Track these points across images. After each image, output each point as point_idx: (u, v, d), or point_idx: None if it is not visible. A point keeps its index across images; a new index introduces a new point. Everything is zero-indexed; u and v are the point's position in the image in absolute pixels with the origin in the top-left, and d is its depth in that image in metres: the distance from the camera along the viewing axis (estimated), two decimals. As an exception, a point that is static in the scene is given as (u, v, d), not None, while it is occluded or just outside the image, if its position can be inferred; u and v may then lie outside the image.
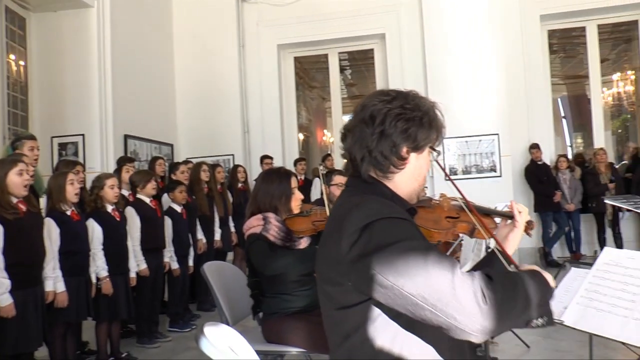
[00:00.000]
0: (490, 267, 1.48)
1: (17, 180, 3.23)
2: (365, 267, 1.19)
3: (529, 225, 1.72)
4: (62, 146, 6.78)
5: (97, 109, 6.72)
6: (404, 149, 1.41)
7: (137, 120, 7.41)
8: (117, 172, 5.35)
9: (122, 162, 5.76)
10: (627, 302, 1.95)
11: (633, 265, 2.06)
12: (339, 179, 3.96)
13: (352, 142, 1.44)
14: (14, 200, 3.26)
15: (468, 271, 1.20)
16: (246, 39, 8.84)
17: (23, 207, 3.29)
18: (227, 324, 2.83)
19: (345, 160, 1.53)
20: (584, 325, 2.01)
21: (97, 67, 6.74)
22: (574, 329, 2.04)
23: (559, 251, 8.17)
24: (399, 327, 1.29)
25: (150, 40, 8.06)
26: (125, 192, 5.03)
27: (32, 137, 4.56)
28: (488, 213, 1.71)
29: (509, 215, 1.69)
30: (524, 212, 1.64)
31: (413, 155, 1.43)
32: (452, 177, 7.96)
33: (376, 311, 1.29)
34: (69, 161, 5.23)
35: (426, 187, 4.42)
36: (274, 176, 2.93)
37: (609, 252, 2.17)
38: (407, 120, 1.39)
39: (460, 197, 1.68)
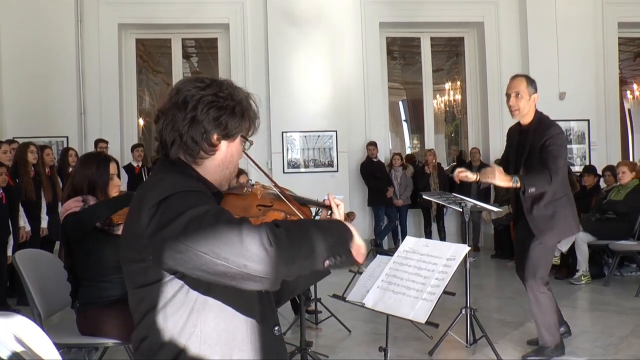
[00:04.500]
0: None
1: None
2: (163, 238, 1.21)
3: (349, 217, 1.81)
4: None
5: None
6: (215, 136, 1.43)
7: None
8: None
9: None
10: (419, 285, 2.20)
11: (427, 252, 2.32)
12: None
13: (164, 124, 1.45)
14: None
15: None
16: (85, 14, 8.26)
17: None
18: (39, 316, 2.66)
19: (157, 143, 1.53)
20: (382, 306, 2.22)
21: None
22: (374, 310, 2.25)
23: (390, 243, 8.84)
24: (195, 305, 1.33)
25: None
26: None
27: None
28: (305, 203, 1.73)
29: (326, 206, 1.77)
30: (341, 206, 1.69)
31: (224, 142, 1.47)
32: (292, 170, 8.13)
33: (174, 288, 1.32)
34: None
35: (250, 180, 4.50)
36: (93, 160, 2.85)
37: (409, 241, 2.42)
38: (219, 108, 1.42)
39: (274, 185, 1.71)
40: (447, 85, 12.43)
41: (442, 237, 8.58)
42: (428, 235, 8.61)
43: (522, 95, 3.63)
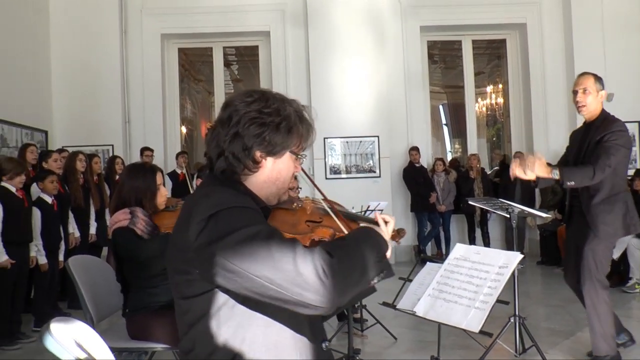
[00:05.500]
0: None
1: None
2: (211, 254, 1.21)
3: (398, 234, 1.76)
4: None
5: (-44, 87, 6.12)
6: (258, 153, 1.41)
7: (6, 103, 6.85)
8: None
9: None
10: (471, 293, 2.15)
11: (479, 260, 2.26)
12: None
13: (210, 139, 1.45)
14: None
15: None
16: (129, 26, 8.50)
17: None
18: (91, 320, 2.71)
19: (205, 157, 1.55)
20: (433, 315, 2.18)
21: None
22: (425, 318, 2.21)
23: (433, 249, 8.71)
24: (243, 319, 1.31)
25: (22, 16, 7.47)
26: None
27: None
28: (354, 219, 1.68)
29: (375, 222, 1.73)
30: (391, 223, 1.62)
31: (269, 159, 1.44)
32: (334, 176, 8.08)
33: (221, 301, 1.31)
34: None
35: (300, 188, 4.48)
36: (139, 172, 2.87)
37: (459, 248, 2.37)
38: (261, 124, 1.40)
39: (324, 199, 1.67)
40: (489, 89, 12.21)
41: (487, 243, 8.41)
42: (472, 241, 8.45)
43: (589, 91, 3.52)
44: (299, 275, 1.13)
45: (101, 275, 3.06)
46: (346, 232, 1.55)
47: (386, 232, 1.58)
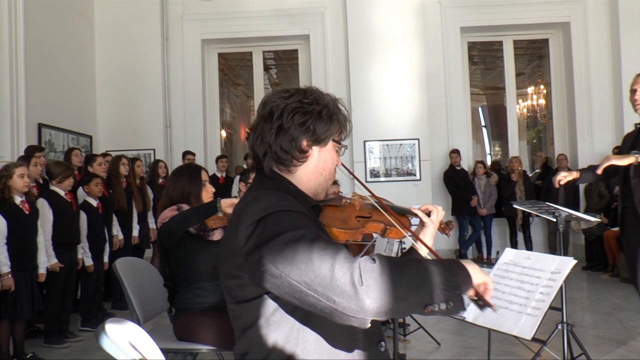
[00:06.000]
0: None
1: None
2: (258, 258, 1.20)
3: (447, 226, 1.75)
4: (-33, 133, 6.35)
5: (8, 94, 6.33)
6: (304, 142, 1.42)
7: (53, 109, 7.06)
8: (24, 159, 5.03)
9: (31, 151, 5.45)
10: (522, 299, 2.09)
11: (529, 265, 2.20)
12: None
13: (254, 139, 1.45)
14: None
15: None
16: (170, 32, 8.67)
17: None
18: (138, 321, 2.76)
19: (251, 158, 1.54)
20: (482, 321, 2.13)
21: (8, 49, 6.34)
22: (475, 324, 2.15)
23: (474, 253, 8.57)
24: (295, 323, 1.31)
25: (69, 26, 7.70)
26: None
27: None
28: (403, 213, 1.69)
29: (426, 214, 1.71)
30: (436, 212, 1.64)
31: (315, 148, 1.45)
32: (373, 180, 8.02)
33: (272, 306, 1.30)
34: (-28, 150, 4.90)
35: (341, 191, 4.47)
36: (185, 171, 2.99)
37: (509, 253, 2.31)
38: (304, 113, 1.41)
39: (371, 195, 1.67)
40: (530, 90, 11.96)
41: (529, 247, 8.22)
42: (513, 245, 8.27)
43: None
44: (334, 281, 1.10)
45: (147, 276, 3.10)
46: (397, 225, 1.55)
47: (431, 219, 1.58)
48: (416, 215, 1.71)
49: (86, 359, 4.31)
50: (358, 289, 1.09)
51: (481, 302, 1.24)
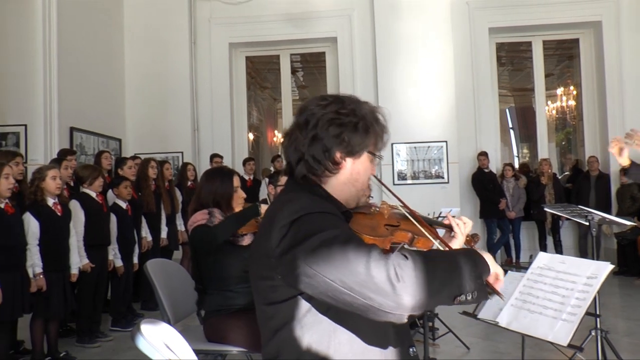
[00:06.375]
0: None
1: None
2: (292, 258, 1.20)
3: (472, 238, 1.74)
4: (2, 136, 6.53)
5: (42, 99, 6.49)
6: (338, 154, 1.41)
7: (84, 113, 7.21)
8: (56, 162, 5.14)
9: (63, 154, 5.56)
10: (557, 304, 2.05)
11: (564, 269, 2.16)
12: (285, 180, 3.96)
13: (288, 145, 1.46)
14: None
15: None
16: (198, 36, 8.76)
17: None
18: (169, 322, 2.78)
19: (284, 163, 1.54)
20: (516, 326, 2.09)
21: (42, 56, 6.51)
22: (508, 329, 2.12)
23: (503, 256, 8.45)
24: (328, 325, 1.30)
25: (100, 31, 7.85)
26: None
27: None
28: (430, 223, 1.69)
29: (449, 227, 1.71)
30: (465, 224, 1.65)
31: (349, 160, 1.44)
32: (401, 182, 7.99)
33: (305, 307, 1.30)
34: (8, 152, 5.02)
35: (371, 197, 4.45)
36: (217, 175, 2.96)
37: (543, 257, 2.27)
38: (339, 125, 1.40)
39: (402, 204, 1.67)
40: (559, 91, 11.74)
41: (559, 251, 8.06)
42: (543, 249, 8.11)
43: None
44: (370, 278, 1.10)
45: (177, 278, 3.14)
46: (426, 234, 1.54)
47: (459, 232, 1.58)
48: (443, 227, 1.71)
49: (117, 359, 4.38)
50: (395, 285, 1.09)
51: (490, 291, 1.26)
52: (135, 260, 5.47)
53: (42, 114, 6.51)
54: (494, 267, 1.27)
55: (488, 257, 1.27)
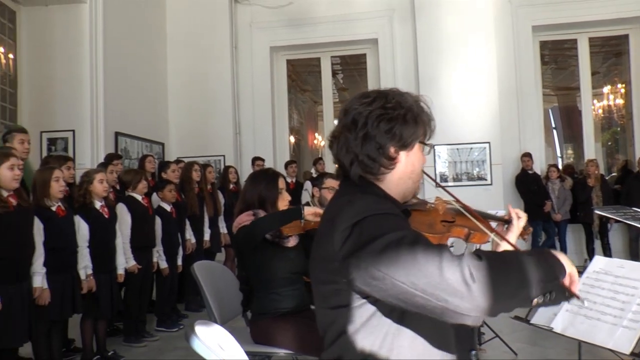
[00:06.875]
0: None
1: (8, 174, 3.20)
2: (357, 261, 1.18)
3: (525, 230, 1.71)
4: (52, 141, 6.73)
5: (88, 105, 6.68)
6: (392, 149, 1.40)
7: (129, 118, 7.38)
8: (102, 166, 5.28)
9: (109, 159, 5.70)
10: (616, 310, 1.96)
11: (623, 274, 2.07)
12: (331, 183, 3.97)
13: (339, 148, 1.44)
14: (5, 194, 3.22)
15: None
16: (239, 41, 8.85)
17: (13, 201, 3.25)
18: (215, 323, 2.81)
19: (337, 166, 1.53)
20: (572, 332, 2.01)
21: (88, 63, 6.70)
22: (564, 335, 2.05)
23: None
24: (391, 328, 1.29)
25: (143, 38, 8.03)
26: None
27: (23, 130, 4.51)
28: (485, 218, 1.67)
29: (505, 220, 1.69)
30: (523, 218, 1.64)
31: (402, 153, 1.42)
32: (442, 184, 7.96)
33: (369, 311, 1.29)
34: (60, 156, 5.18)
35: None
36: (262, 177, 2.97)
37: (599, 261, 2.18)
38: (389, 120, 1.38)
39: (455, 200, 1.66)
40: (606, 89, 11.38)
41: (608, 255, 7.79)
42: (590, 253, 7.86)
43: None
44: (444, 280, 1.07)
45: (223, 279, 3.17)
46: (482, 227, 1.53)
47: (517, 225, 1.58)
48: (497, 220, 1.70)
49: (162, 359, 4.45)
50: (471, 286, 1.06)
51: (568, 294, 1.22)
52: (179, 262, 5.55)
53: (89, 119, 6.70)
54: (569, 268, 1.23)
55: (563, 257, 1.23)
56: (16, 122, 6.57)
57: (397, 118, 1.39)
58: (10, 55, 6.63)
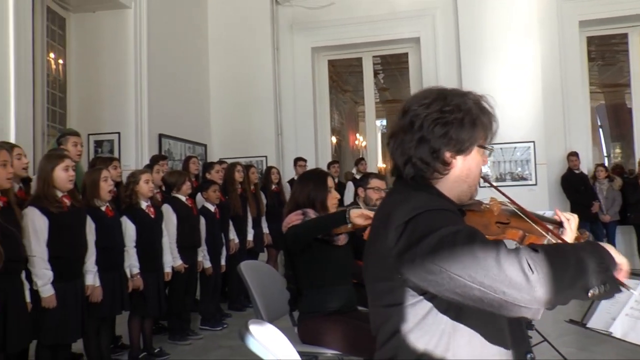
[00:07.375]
0: None
1: (63, 176, 3.32)
2: (413, 257, 1.17)
3: (581, 235, 1.67)
4: (98, 143, 6.93)
5: (133, 108, 6.85)
6: (447, 154, 1.38)
7: (172, 120, 7.53)
8: (148, 167, 5.40)
9: (155, 160, 5.82)
10: (680, 315, 1.89)
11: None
12: (376, 183, 3.95)
13: (394, 148, 1.44)
14: (59, 194, 3.33)
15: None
16: (280, 42, 8.92)
17: (67, 202, 3.37)
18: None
19: (390, 165, 1.54)
20: (633, 337, 1.95)
21: (133, 68, 6.87)
22: (624, 341, 1.98)
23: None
24: (448, 326, 1.28)
25: (186, 41, 8.18)
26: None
27: (76, 134, 4.67)
28: (539, 219, 1.63)
29: (558, 223, 1.65)
30: (572, 219, 1.59)
31: (459, 158, 1.40)
32: (486, 185, 7.78)
33: (425, 308, 1.28)
34: (106, 157, 5.32)
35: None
36: (311, 177, 3.03)
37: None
38: (445, 124, 1.36)
39: (510, 201, 1.63)
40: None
41: (660, 258, 7.52)
42: (641, 254, 7.60)
43: None
44: (502, 271, 1.06)
45: (269, 279, 3.20)
46: (538, 229, 1.50)
47: (568, 228, 1.53)
48: (551, 222, 1.65)
49: (206, 358, 4.52)
50: (530, 278, 1.05)
51: (617, 285, 1.18)
52: (223, 262, 5.62)
53: (134, 122, 6.87)
54: (619, 259, 1.21)
55: (611, 248, 1.21)
56: (65, 125, 6.78)
57: (454, 122, 1.37)
58: (60, 61, 6.87)
